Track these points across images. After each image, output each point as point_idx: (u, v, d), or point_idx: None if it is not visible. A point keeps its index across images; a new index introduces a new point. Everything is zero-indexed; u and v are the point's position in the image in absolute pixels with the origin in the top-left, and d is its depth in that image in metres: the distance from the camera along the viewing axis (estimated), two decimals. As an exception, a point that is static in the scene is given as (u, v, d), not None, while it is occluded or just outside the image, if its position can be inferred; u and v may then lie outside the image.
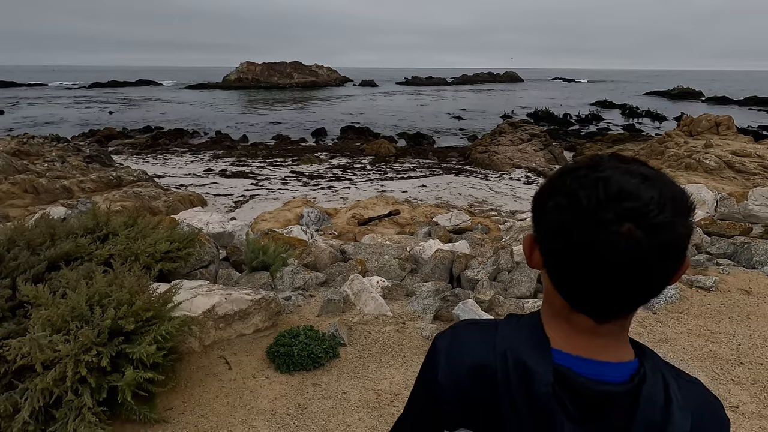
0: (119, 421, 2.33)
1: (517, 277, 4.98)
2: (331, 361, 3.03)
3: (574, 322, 0.65)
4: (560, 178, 0.62)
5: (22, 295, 2.62)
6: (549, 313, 0.69)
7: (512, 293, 4.77)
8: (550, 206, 0.61)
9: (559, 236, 0.59)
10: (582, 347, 0.65)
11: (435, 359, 0.72)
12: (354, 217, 13.31)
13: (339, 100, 58.28)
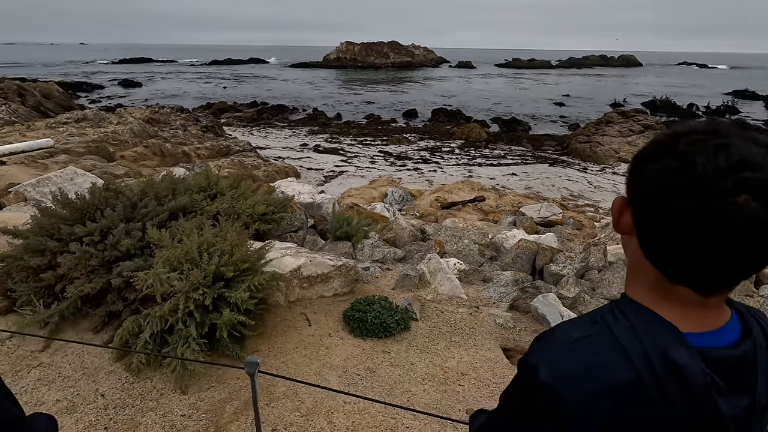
0: (215, 355, 2.67)
1: (609, 278, 4.60)
2: (401, 332, 3.13)
3: (678, 297, 0.61)
4: (671, 140, 0.58)
5: (149, 238, 3.09)
6: (642, 290, 0.64)
7: (601, 294, 4.43)
8: (656, 168, 0.57)
9: (663, 201, 0.56)
10: (699, 322, 0.61)
11: (546, 393, 0.61)
12: (437, 200, 13.25)
13: (433, 82, 57.50)
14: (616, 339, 0.60)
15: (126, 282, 2.96)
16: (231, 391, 2.44)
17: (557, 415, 0.61)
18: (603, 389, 0.58)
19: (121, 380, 2.51)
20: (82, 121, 18.22)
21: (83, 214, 3.33)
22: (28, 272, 3.07)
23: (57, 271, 3.03)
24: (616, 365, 0.59)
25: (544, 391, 0.62)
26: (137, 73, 61.30)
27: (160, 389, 2.45)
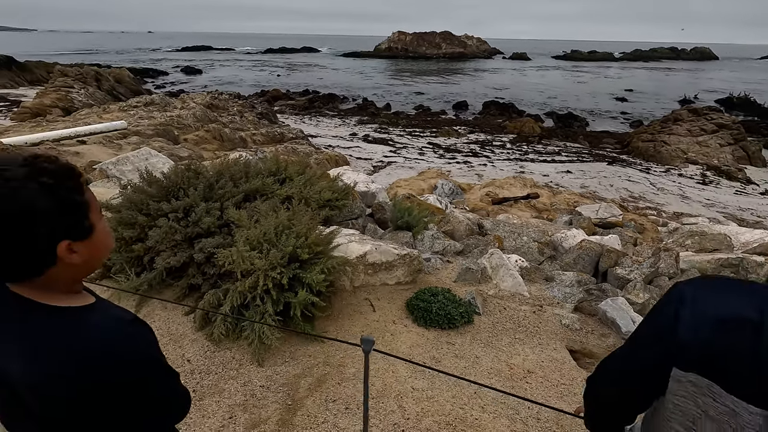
0: (287, 332, 2.79)
1: (681, 285, 4.33)
2: (465, 325, 3.12)
3: None
4: None
5: (228, 217, 3.27)
6: None
7: (672, 302, 4.19)
8: None
9: None
10: None
11: (677, 307, 0.77)
12: (488, 195, 12.99)
13: (485, 73, 56.03)
14: (757, 295, 0.73)
15: (206, 257, 3.15)
16: (304, 368, 2.55)
17: (676, 330, 0.75)
18: (719, 316, 0.73)
19: (203, 348, 2.69)
20: (150, 105, 19.41)
21: (168, 192, 3.57)
22: (120, 243, 3.35)
23: (146, 243, 3.28)
24: (739, 305, 0.73)
25: (673, 306, 0.77)
26: (198, 61, 64.33)
27: (238, 360, 2.60)
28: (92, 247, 0.85)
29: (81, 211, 0.81)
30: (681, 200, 14.64)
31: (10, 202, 0.72)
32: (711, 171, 17.43)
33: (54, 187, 0.76)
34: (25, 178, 0.74)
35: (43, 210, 0.74)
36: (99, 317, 0.83)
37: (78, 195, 0.80)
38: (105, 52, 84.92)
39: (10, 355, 0.80)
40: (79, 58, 53.66)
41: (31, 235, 0.74)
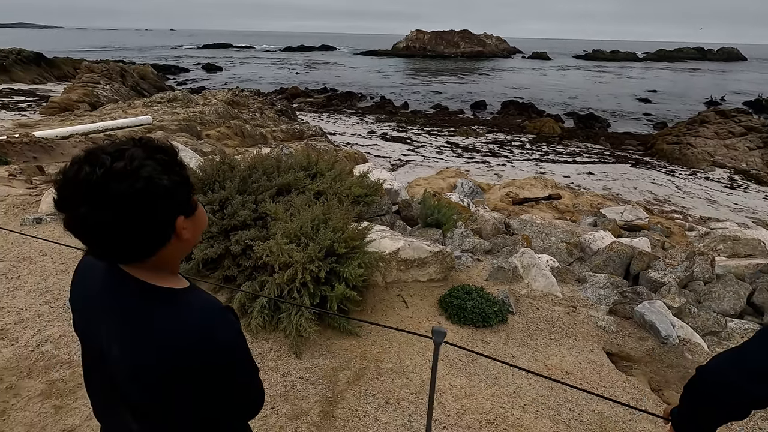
0: (323, 325, 2.80)
1: (718, 291, 4.22)
2: (499, 324, 3.09)
3: None
4: None
5: (264, 209, 3.29)
6: None
7: (708, 307, 4.08)
8: None
9: None
10: None
11: None
12: (508, 195, 12.86)
13: (504, 73, 55.45)
14: None
15: (242, 250, 3.19)
16: (341, 361, 2.56)
17: None
18: None
19: (241, 339, 2.71)
20: (173, 101, 19.75)
21: (204, 184, 3.62)
22: (158, 233, 3.40)
23: (183, 234, 3.32)
24: None
25: None
26: (218, 58, 65.20)
27: (276, 351, 2.62)
28: (195, 224, 0.87)
29: (190, 187, 0.83)
30: (708, 204, 14.25)
31: (135, 179, 0.73)
32: (739, 175, 16.94)
33: (169, 164, 0.78)
34: (144, 156, 0.75)
35: (164, 185, 0.76)
36: (198, 301, 0.84)
37: (185, 171, 0.82)
38: (129, 49, 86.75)
39: (115, 336, 0.81)
40: (104, 55, 54.94)
41: (153, 210, 0.76)
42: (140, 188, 0.73)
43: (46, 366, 2.38)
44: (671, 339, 3.05)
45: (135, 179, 0.73)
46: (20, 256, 3.53)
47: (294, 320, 2.66)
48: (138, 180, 0.73)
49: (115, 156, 0.75)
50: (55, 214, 4.29)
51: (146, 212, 0.75)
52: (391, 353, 2.66)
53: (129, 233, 0.75)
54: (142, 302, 0.81)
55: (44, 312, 2.84)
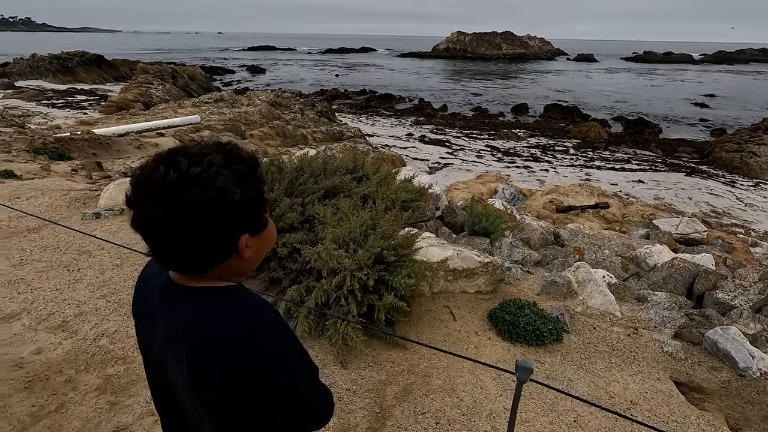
0: (369, 335, 2.72)
1: (799, 318, 3.80)
2: (554, 343, 2.90)
3: None
4: None
5: (311, 213, 3.26)
6: None
7: (788, 335, 3.68)
8: None
9: None
10: None
11: None
12: (552, 202, 12.40)
13: (547, 75, 53.84)
14: None
15: (289, 253, 3.16)
16: (389, 375, 2.47)
17: None
18: None
19: (287, 344, 2.68)
20: (220, 102, 20.46)
21: (253, 185, 3.64)
22: (208, 233, 3.45)
23: (231, 235, 3.35)
24: None
25: None
26: (261, 60, 67.22)
27: (321, 359, 2.57)
28: (261, 243, 0.81)
29: (263, 204, 0.78)
30: (774, 218, 13.16)
31: (208, 187, 0.69)
32: (811, 187, 15.54)
33: (247, 176, 0.73)
34: (223, 164, 0.70)
35: (236, 199, 0.71)
36: (242, 299, 0.79)
37: (264, 186, 0.77)
38: (180, 51, 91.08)
39: (171, 346, 0.77)
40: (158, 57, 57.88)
41: (220, 222, 0.71)
42: (211, 197, 0.69)
43: (102, 360, 2.44)
44: (751, 371, 2.76)
45: (208, 187, 0.69)
46: (81, 249, 3.68)
47: (340, 328, 2.59)
48: (211, 188, 0.69)
49: (194, 160, 0.70)
50: (112, 209, 4.47)
51: (213, 223, 0.70)
52: (440, 369, 2.55)
53: (191, 242, 0.71)
54: (193, 308, 0.77)
55: (101, 306, 2.93)
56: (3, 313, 2.76)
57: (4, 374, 2.25)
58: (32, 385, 2.20)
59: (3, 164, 6.81)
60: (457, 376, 2.51)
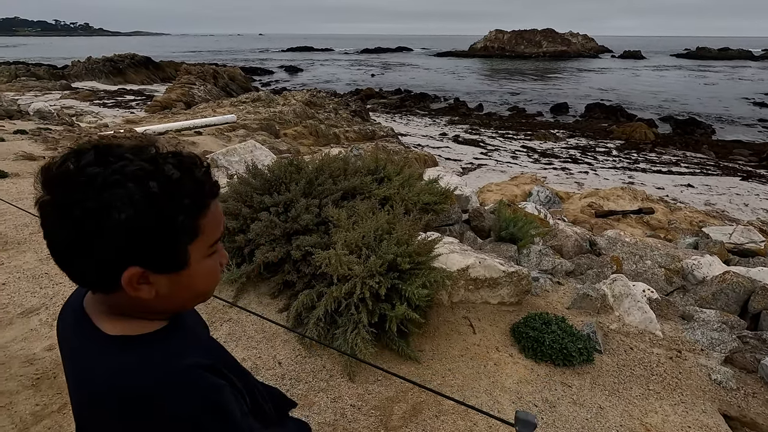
0: (380, 346, 2.58)
1: None
2: (583, 364, 2.64)
3: None
4: None
5: (326, 215, 3.15)
6: None
7: None
8: None
9: None
10: None
11: None
12: (590, 206, 11.79)
13: (590, 74, 51.69)
14: None
15: (303, 255, 3.07)
16: (398, 391, 2.31)
17: None
18: None
19: (294, 352, 2.58)
20: (257, 102, 20.92)
21: (271, 185, 3.58)
22: (224, 232, 3.41)
23: (247, 235, 3.30)
24: None
25: None
26: (299, 61, 68.49)
27: (329, 370, 2.44)
28: (179, 285, 0.64)
29: (176, 237, 0.61)
30: None
31: (92, 196, 0.55)
32: None
33: (156, 199, 0.57)
34: (131, 176, 0.56)
35: (118, 220, 0.56)
36: (148, 355, 0.63)
37: (184, 216, 0.60)
38: (222, 53, 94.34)
39: (71, 383, 0.67)
40: (201, 58, 60.16)
41: (92, 245, 0.57)
42: (89, 208, 0.55)
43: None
44: (817, 409, 2.39)
45: (91, 196, 0.55)
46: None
47: (349, 338, 2.46)
48: (93, 198, 0.55)
49: (105, 159, 0.57)
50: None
51: (85, 242, 0.56)
52: (454, 387, 2.36)
53: (65, 253, 0.59)
54: (95, 349, 0.64)
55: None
56: (23, 307, 2.82)
57: (15, 370, 2.27)
58: (39, 383, 2.20)
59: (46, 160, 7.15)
60: (472, 396, 2.31)
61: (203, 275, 0.66)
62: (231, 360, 0.77)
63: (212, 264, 0.67)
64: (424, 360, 2.54)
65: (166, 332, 0.68)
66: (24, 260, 3.51)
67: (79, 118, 18.65)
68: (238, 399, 0.68)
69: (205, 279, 0.67)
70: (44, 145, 8.46)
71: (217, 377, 0.65)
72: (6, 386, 2.19)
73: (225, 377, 0.67)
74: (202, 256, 0.65)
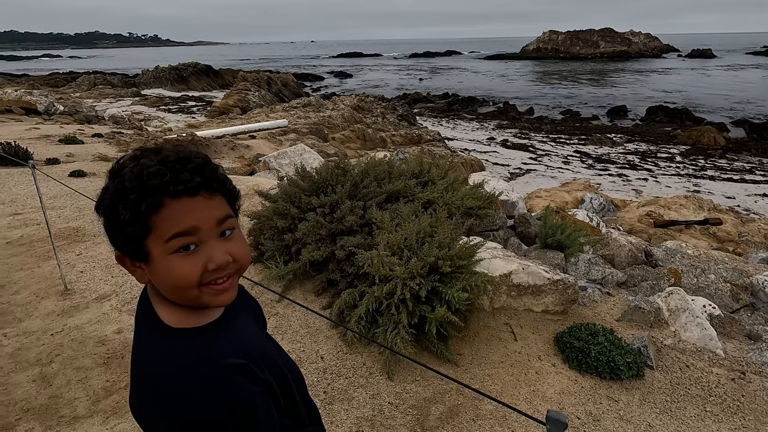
0: (419, 348, 2.61)
1: None
2: (632, 379, 2.52)
3: None
4: None
5: (370, 217, 3.23)
6: None
7: None
8: None
9: None
10: None
11: None
12: (649, 215, 11.10)
13: (652, 75, 48.64)
14: None
15: (347, 255, 3.16)
16: (435, 392, 2.33)
17: None
18: None
19: (336, 348, 2.67)
20: (307, 107, 21.63)
21: (318, 187, 3.72)
22: (274, 231, 3.60)
23: (295, 234, 3.45)
24: None
25: None
26: (348, 66, 69.92)
27: (369, 367, 2.51)
28: (155, 276, 0.69)
29: (124, 230, 0.66)
30: None
31: (112, 180, 0.69)
32: None
33: (112, 193, 0.67)
34: (110, 173, 0.69)
35: (102, 206, 0.69)
36: (187, 350, 0.69)
37: (127, 211, 0.64)
38: (277, 60, 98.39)
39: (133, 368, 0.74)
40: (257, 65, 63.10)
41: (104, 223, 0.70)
42: (104, 189, 0.69)
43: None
44: None
45: (111, 181, 0.68)
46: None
47: (389, 337, 2.51)
48: (110, 185, 0.68)
49: (138, 156, 0.68)
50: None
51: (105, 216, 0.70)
52: (493, 393, 2.34)
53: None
54: (149, 333, 0.72)
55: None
56: (97, 293, 3.13)
57: (90, 349, 2.54)
58: (110, 362, 2.44)
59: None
60: (511, 403, 2.28)
61: (165, 271, 0.67)
62: (276, 358, 0.80)
63: (176, 262, 0.67)
64: (462, 364, 2.54)
65: (212, 327, 0.73)
66: (99, 251, 3.89)
67: (146, 122, 20.21)
68: (267, 403, 0.71)
69: (167, 275, 0.68)
70: (117, 148, 9.26)
71: (250, 380, 0.69)
72: (82, 362, 2.45)
73: (259, 380, 0.71)
74: (163, 251, 0.66)
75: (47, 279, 3.40)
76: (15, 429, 2.07)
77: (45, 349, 2.58)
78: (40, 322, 2.86)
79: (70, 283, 3.30)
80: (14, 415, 2.14)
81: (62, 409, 2.15)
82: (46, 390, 2.28)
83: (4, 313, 2.97)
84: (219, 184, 0.71)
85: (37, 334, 2.72)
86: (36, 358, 2.51)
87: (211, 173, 0.69)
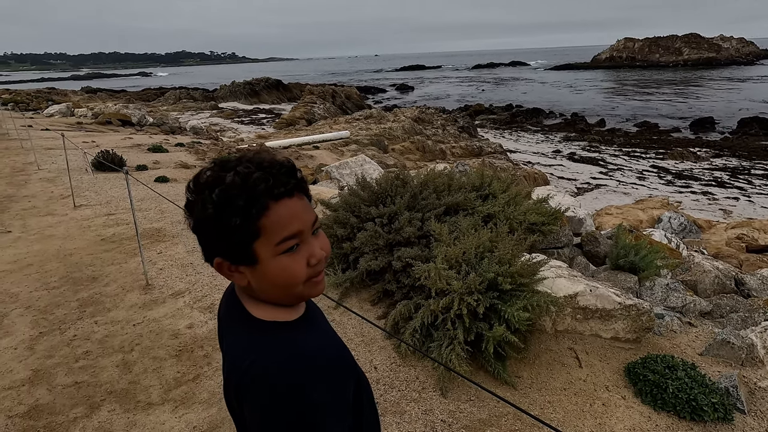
0: (475, 366, 2.52)
1: None
2: (717, 423, 2.25)
3: None
4: None
5: (428, 228, 3.21)
6: None
7: None
8: None
9: None
10: None
11: None
12: (740, 238, 9.96)
13: (746, 83, 43.98)
14: None
15: (403, 267, 3.16)
16: (491, 415, 2.24)
17: None
18: None
19: (389, 359, 2.66)
20: (369, 119, 22.12)
21: (377, 197, 3.77)
22: (333, 239, 3.69)
23: (353, 243, 3.51)
24: None
25: None
26: (410, 79, 70.65)
27: (422, 382, 2.47)
28: (260, 278, 0.72)
29: (235, 236, 0.69)
30: None
31: (209, 192, 0.69)
32: None
33: (216, 202, 0.68)
34: (206, 184, 0.70)
35: (198, 221, 0.70)
36: (283, 340, 0.72)
37: (238, 218, 0.67)
38: (341, 74, 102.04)
39: (226, 355, 0.79)
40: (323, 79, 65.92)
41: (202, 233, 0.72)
42: (202, 200, 0.69)
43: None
44: None
45: (209, 192, 0.69)
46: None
47: (444, 353, 2.46)
48: (208, 196, 0.68)
49: (228, 165, 0.71)
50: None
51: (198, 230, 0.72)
52: (554, 422, 2.20)
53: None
54: (242, 327, 0.75)
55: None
56: (173, 290, 3.40)
57: (165, 341, 2.75)
58: (181, 354, 2.63)
59: (197, 170, 8.52)
60: (574, 434, 2.13)
61: (276, 271, 0.71)
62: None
63: (287, 261, 0.71)
64: (521, 387, 2.42)
65: (302, 322, 0.77)
66: (176, 251, 4.22)
67: (222, 133, 21.81)
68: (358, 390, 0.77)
69: (278, 275, 0.71)
70: (195, 156, 10.08)
71: (348, 368, 0.75)
72: (158, 353, 2.66)
73: (353, 369, 0.76)
74: (272, 253, 0.69)
75: (132, 274, 3.76)
76: (100, 408, 2.29)
77: (127, 338, 2.84)
78: (124, 312, 3.16)
79: (151, 279, 3.62)
80: (100, 396, 2.36)
81: (139, 395, 2.35)
82: (126, 376, 2.50)
83: (97, 302, 3.32)
84: (306, 186, 0.77)
85: (122, 324, 3.01)
86: (120, 346, 2.76)
87: (301, 175, 0.75)
